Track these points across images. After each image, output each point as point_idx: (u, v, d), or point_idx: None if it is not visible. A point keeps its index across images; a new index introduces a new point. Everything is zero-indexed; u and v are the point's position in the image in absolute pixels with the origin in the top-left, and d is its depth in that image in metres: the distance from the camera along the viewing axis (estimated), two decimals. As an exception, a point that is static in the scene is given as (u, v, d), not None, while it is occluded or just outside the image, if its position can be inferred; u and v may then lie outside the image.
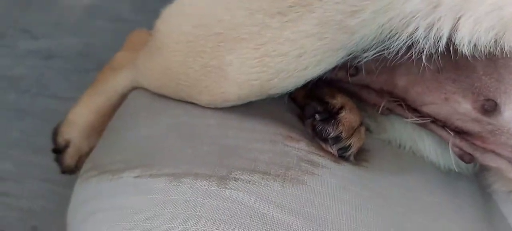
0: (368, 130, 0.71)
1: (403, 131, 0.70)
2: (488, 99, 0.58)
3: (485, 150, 0.62)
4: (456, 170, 0.69)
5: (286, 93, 0.66)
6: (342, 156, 0.61)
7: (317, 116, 0.61)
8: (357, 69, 0.66)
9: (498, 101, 0.58)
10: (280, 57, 0.60)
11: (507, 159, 0.62)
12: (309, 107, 0.63)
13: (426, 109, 0.64)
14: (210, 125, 0.63)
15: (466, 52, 0.57)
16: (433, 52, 0.59)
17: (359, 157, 0.63)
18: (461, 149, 0.63)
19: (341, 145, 0.60)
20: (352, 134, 0.61)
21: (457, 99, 0.61)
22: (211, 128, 0.63)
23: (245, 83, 0.62)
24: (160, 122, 0.67)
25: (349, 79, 0.67)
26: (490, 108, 0.58)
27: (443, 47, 0.58)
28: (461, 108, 0.61)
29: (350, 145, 0.61)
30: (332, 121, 0.61)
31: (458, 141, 0.63)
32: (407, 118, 0.65)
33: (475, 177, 0.72)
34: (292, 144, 0.61)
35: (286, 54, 0.60)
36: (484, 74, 0.59)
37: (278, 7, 0.60)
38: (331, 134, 0.60)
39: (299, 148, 0.60)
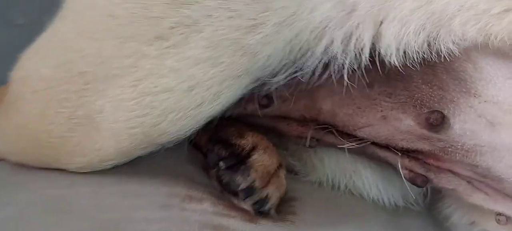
0: (292, 172, 0.58)
1: (335, 167, 0.57)
2: (433, 111, 0.47)
3: (439, 169, 0.51)
4: (403, 205, 0.57)
5: (185, 139, 0.52)
6: (260, 212, 0.47)
7: (221, 164, 0.47)
8: (269, 99, 0.53)
9: (446, 112, 0.46)
10: (165, 93, 0.46)
11: (466, 179, 0.51)
12: (212, 155, 0.49)
13: (362, 133, 0.51)
14: (82, 194, 0.48)
15: (396, 63, 0.46)
16: (356, 68, 0.48)
17: (283, 209, 0.49)
18: (411, 171, 0.51)
19: (256, 197, 0.46)
20: (268, 181, 0.47)
21: (396, 116, 0.49)
22: (83, 198, 0.47)
23: (124, 133, 0.47)
24: (19, 200, 0.50)
25: (260, 112, 0.54)
26: (436, 121, 0.46)
27: (367, 60, 0.47)
28: (403, 126, 0.49)
29: (267, 195, 0.47)
30: (242, 168, 0.47)
31: (407, 161, 0.51)
32: (342, 145, 0.53)
33: (428, 212, 0.60)
34: (192, 206, 0.46)
35: (172, 89, 0.46)
36: (423, 83, 0.47)
37: (156, 31, 0.47)
38: (242, 185, 0.46)
39: (202, 210, 0.46)
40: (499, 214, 0.50)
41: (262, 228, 0.46)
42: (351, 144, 0.52)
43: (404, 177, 0.51)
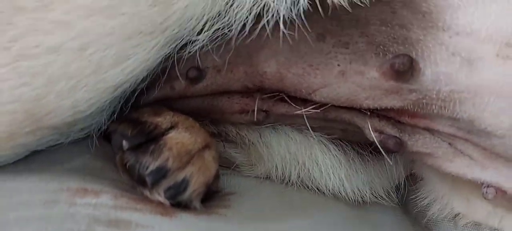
0: (233, 166, 0.47)
1: (285, 154, 0.46)
2: (398, 55, 0.37)
3: (415, 129, 0.41)
4: (372, 199, 0.46)
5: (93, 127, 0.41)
6: (178, 203, 0.36)
7: (124, 143, 0.36)
8: (200, 71, 0.43)
9: (414, 55, 0.37)
10: (50, 55, 0.36)
11: (447, 139, 0.40)
12: (116, 135, 0.38)
13: (319, 96, 0.41)
14: None
15: (342, 1, 0.37)
16: (294, 16, 0.38)
17: (214, 203, 0.38)
18: (382, 132, 0.41)
19: (170, 181, 0.35)
20: (188, 162, 0.36)
21: (357, 69, 0.39)
22: None
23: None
24: None
25: (191, 88, 0.43)
26: (403, 66, 0.36)
27: (307, 3, 0.37)
28: (366, 80, 0.39)
29: (185, 179, 0.35)
30: (152, 147, 0.36)
31: (377, 121, 0.41)
32: (298, 111, 0.42)
33: (403, 208, 0.49)
34: (85, 200, 0.35)
35: (58, 49, 0.36)
36: (382, 24, 0.38)
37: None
38: (151, 166, 0.35)
39: (98, 203, 0.34)
40: (487, 185, 0.40)
41: (179, 223, 0.34)
42: (308, 109, 0.42)
43: (375, 140, 0.41)
